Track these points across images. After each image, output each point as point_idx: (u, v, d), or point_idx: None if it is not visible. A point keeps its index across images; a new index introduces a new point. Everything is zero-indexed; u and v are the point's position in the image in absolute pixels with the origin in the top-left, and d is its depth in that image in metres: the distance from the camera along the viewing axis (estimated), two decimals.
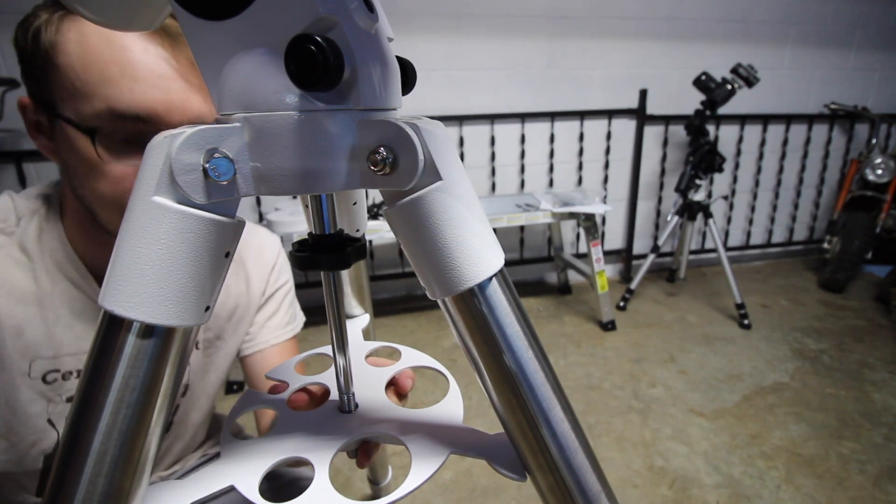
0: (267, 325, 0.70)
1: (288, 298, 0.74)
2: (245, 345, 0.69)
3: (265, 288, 0.70)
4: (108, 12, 0.31)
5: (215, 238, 0.26)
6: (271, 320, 0.71)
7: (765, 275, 2.84)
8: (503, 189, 2.50)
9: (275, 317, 0.71)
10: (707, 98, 2.16)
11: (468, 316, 0.29)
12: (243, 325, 0.68)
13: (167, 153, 0.24)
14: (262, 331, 0.70)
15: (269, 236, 0.72)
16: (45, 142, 0.49)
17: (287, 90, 0.25)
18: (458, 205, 0.27)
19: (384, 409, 0.42)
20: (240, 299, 0.67)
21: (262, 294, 0.70)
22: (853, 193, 2.66)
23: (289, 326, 0.73)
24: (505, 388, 0.30)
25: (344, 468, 1.42)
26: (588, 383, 1.81)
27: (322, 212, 0.34)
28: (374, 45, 0.27)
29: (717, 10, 2.50)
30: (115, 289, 0.25)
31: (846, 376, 1.82)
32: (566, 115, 2.46)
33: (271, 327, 0.71)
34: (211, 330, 0.65)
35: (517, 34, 2.29)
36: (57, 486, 0.26)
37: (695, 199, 2.27)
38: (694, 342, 2.08)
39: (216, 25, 0.25)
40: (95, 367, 0.26)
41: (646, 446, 1.49)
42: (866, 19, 2.70)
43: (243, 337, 0.69)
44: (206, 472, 0.35)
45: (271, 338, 0.70)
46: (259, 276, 0.69)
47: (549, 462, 0.31)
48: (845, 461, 1.40)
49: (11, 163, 1.88)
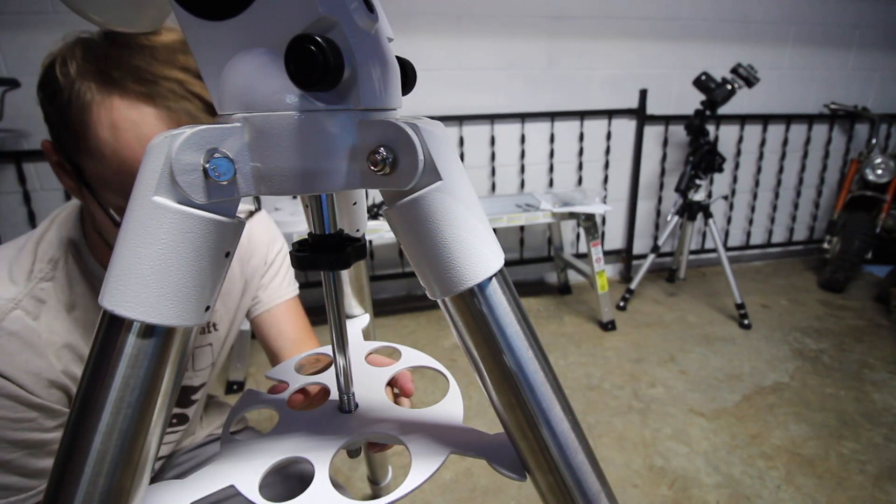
0: (270, 286, 0.77)
1: (286, 263, 0.80)
2: (254, 307, 0.76)
3: (265, 258, 0.76)
4: (111, 13, 0.31)
5: (215, 238, 0.26)
6: (273, 282, 0.77)
7: (765, 275, 2.84)
8: (503, 189, 2.50)
9: (276, 278, 0.78)
10: (707, 98, 2.16)
11: (468, 316, 0.29)
12: (249, 294, 0.75)
13: (167, 153, 0.24)
14: (266, 291, 0.76)
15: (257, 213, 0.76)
16: (71, 184, 0.49)
17: (287, 90, 0.25)
18: (457, 205, 0.27)
19: (384, 408, 0.42)
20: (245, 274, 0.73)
21: (264, 263, 0.76)
22: (853, 193, 2.66)
23: (290, 287, 0.80)
24: (505, 388, 0.30)
25: (344, 468, 1.42)
26: (588, 383, 1.81)
27: (322, 212, 0.34)
28: (374, 45, 0.27)
29: (717, 10, 2.50)
30: (116, 289, 0.25)
31: (846, 376, 1.82)
32: (566, 115, 2.46)
33: (275, 288, 0.77)
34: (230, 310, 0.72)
35: (517, 34, 2.29)
36: (57, 485, 0.26)
37: (695, 199, 2.27)
38: (694, 342, 2.08)
39: (216, 25, 0.25)
40: (96, 367, 0.26)
41: (646, 446, 1.49)
42: (866, 19, 2.69)
43: (249, 302, 0.75)
44: (206, 472, 0.35)
45: (276, 297, 0.77)
46: (258, 251, 0.75)
47: (549, 462, 0.31)
48: (845, 461, 1.40)
49: (11, 163, 1.88)
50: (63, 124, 0.44)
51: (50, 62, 0.44)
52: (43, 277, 0.52)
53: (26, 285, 0.51)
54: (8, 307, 0.48)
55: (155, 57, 0.44)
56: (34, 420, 0.49)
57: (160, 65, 0.44)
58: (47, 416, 0.50)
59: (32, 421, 0.49)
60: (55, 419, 0.52)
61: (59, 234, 0.55)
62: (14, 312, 0.48)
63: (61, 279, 0.53)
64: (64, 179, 0.49)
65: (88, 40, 0.45)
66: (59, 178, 0.49)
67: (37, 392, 0.49)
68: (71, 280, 0.53)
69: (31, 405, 0.49)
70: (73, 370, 0.52)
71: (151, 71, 0.43)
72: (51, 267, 0.53)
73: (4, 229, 1.94)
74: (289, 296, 0.78)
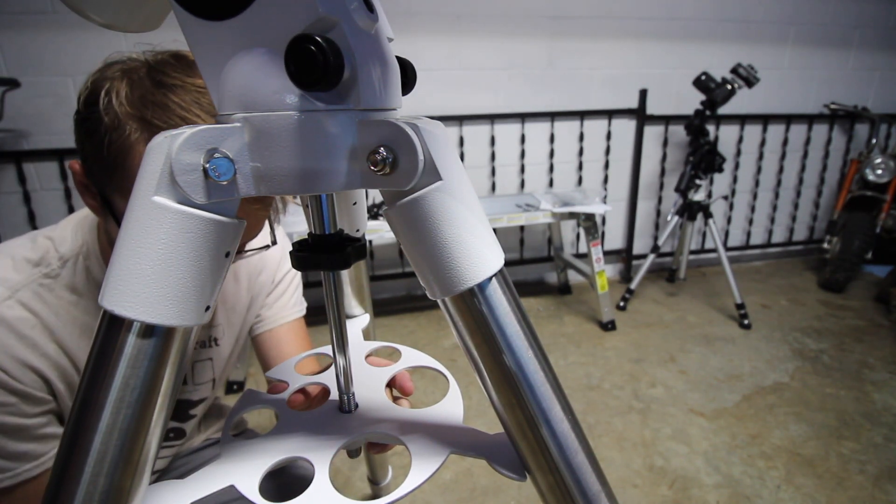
0: (276, 305, 0.75)
1: (295, 282, 0.78)
2: (256, 325, 0.74)
3: (274, 276, 0.74)
4: (111, 14, 0.31)
5: (215, 238, 0.26)
6: (279, 301, 0.75)
7: (765, 275, 2.84)
8: (503, 189, 2.50)
9: (282, 298, 0.75)
10: (707, 98, 2.16)
11: (468, 316, 0.29)
12: (253, 311, 0.73)
13: (167, 153, 0.24)
14: (270, 311, 0.74)
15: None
16: (92, 203, 0.50)
17: (287, 90, 0.25)
18: (457, 205, 0.27)
19: (384, 408, 0.42)
20: (252, 290, 0.71)
21: (272, 281, 0.74)
22: (853, 193, 2.66)
23: (296, 308, 0.77)
24: (505, 388, 0.30)
25: (344, 468, 1.42)
26: (588, 383, 1.81)
27: (322, 212, 0.34)
28: (374, 45, 0.27)
29: (717, 10, 2.50)
30: (116, 288, 0.25)
31: (846, 376, 1.82)
32: (566, 115, 2.46)
33: (279, 307, 0.75)
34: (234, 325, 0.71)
35: (517, 34, 2.29)
36: (57, 485, 0.26)
37: (695, 199, 2.27)
38: (694, 342, 2.08)
39: (216, 25, 0.25)
40: (96, 367, 0.26)
41: (646, 446, 1.49)
42: (866, 19, 2.69)
43: (253, 319, 0.74)
44: (206, 472, 0.35)
45: (280, 317, 0.75)
46: (268, 267, 0.73)
47: (549, 462, 0.31)
48: (845, 461, 1.40)
49: (11, 163, 1.88)
50: (99, 158, 0.44)
51: (91, 94, 0.44)
52: (48, 274, 0.52)
53: (29, 276, 0.51)
54: (5, 294, 0.49)
55: (200, 103, 0.44)
56: (14, 405, 0.50)
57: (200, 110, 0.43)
58: (28, 402, 0.51)
59: (13, 406, 0.50)
60: (37, 406, 0.52)
61: (74, 236, 0.56)
62: (8, 301, 0.49)
63: (67, 278, 0.53)
64: (87, 199, 0.50)
65: (133, 74, 0.44)
66: (83, 196, 0.50)
67: (19, 377, 0.50)
68: (76, 281, 0.54)
69: (12, 390, 0.49)
70: (63, 364, 0.53)
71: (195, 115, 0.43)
72: (59, 265, 0.53)
73: (4, 229, 1.94)
74: (293, 316, 0.76)
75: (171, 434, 0.70)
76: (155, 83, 0.44)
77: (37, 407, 0.52)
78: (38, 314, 0.51)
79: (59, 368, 0.53)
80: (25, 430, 0.52)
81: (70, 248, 0.55)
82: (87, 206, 0.51)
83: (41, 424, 0.53)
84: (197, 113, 0.43)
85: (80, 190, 0.49)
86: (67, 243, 0.55)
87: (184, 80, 0.44)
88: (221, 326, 0.69)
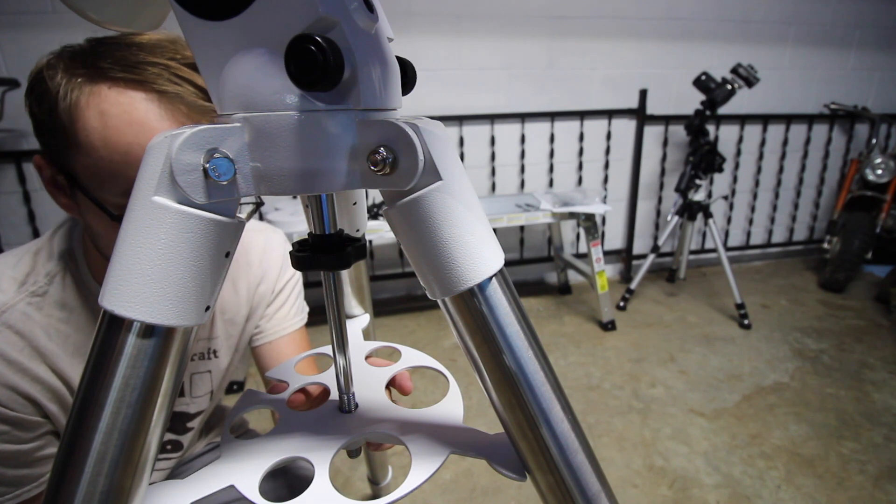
0: (276, 316, 0.73)
1: (296, 291, 0.76)
2: (256, 336, 0.72)
3: (274, 286, 0.72)
4: (110, 12, 0.31)
5: (215, 238, 0.26)
6: (279, 312, 0.73)
7: (765, 275, 2.84)
8: (503, 189, 2.50)
9: (282, 309, 0.73)
10: (707, 98, 2.16)
11: (468, 316, 0.29)
12: (252, 323, 0.71)
13: (167, 153, 0.24)
14: (270, 322, 0.72)
15: (274, 234, 0.74)
16: (65, 201, 0.49)
17: (287, 90, 0.25)
18: (457, 205, 0.27)
19: (384, 409, 0.42)
20: (252, 301, 0.69)
21: (272, 292, 0.72)
22: (853, 193, 2.66)
23: (297, 318, 0.75)
24: (505, 388, 0.30)
25: (344, 468, 1.42)
26: (588, 383, 1.81)
27: (322, 212, 0.34)
28: (374, 45, 0.27)
29: (718, 10, 2.50)
30: (116, 289, 0.25)
31: (846, 376, 1.82)
32: (566, 115, 2.46)
33: (280, 318, 0.73)
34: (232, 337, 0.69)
35: (517, 34, 2.29)
36: (57, 485, 0.26)
37: (695, 199, 2.27)
38: (694, 342, 2.08)
39: (216, 25, 0.25)
40: (96, 367, 0.26)
41: (646, 446, 1.49)
42: (866, 19, 2.69)
43: (253, 330, 0.72)
44: (206, 471, 0.35)
45: (280, 328, 0.73)
46: (268, 277, 0.71)
47: (548, 462, 0.31)
48: (845, 461, 1.40)
49: (11, 163, 1.87)
50: (52, 125, 0.44)
51: (37, 70, 0.45)
52: (35, 292, 0.51)
53: (16, 296, 0.50)
54: None
55: (141, 49, 0.44)
56: (7, 433, 0.49)
57: (147, 54, 0.44)
58: (22, 428, 0.50)
59: (6, 434, 0.49)
60: (32, 431, 0.51)
61: (59, 247, 0.54)
62: None
63: (55, 294, 0.52)
64: (58, 198, 0.49)
65: (73, 46, 0.45)
66: (54, 197, 0.49)
67: (9, 405, 0.48)
68: (65, 297, 0.52)
69: (4, 419, 0.48)
70: (55, 386, 0.51)
71: (138, 59, 0.43)
72: (46, 281, 0.52)
73: (4, 229, 1.94)
74: (294, 327, 0.74)
75: (168, 446, 0.68)
76: (95, 43, 0.45)
77: (32, 432, 0.51)
78: (26, 336, 0.49)
79: (50, 391, 0.51)
80: (23, 455, 0.51)
81: (55, 261, 0.53)
82: (63, 208, 0.49)
83: (38, 447, 0.52)
84: (136, 53, 0.43)
85: (50, 190, 0.48)
86: (53, 257, 0.53)
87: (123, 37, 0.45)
88: (220, 338, 0.67)
